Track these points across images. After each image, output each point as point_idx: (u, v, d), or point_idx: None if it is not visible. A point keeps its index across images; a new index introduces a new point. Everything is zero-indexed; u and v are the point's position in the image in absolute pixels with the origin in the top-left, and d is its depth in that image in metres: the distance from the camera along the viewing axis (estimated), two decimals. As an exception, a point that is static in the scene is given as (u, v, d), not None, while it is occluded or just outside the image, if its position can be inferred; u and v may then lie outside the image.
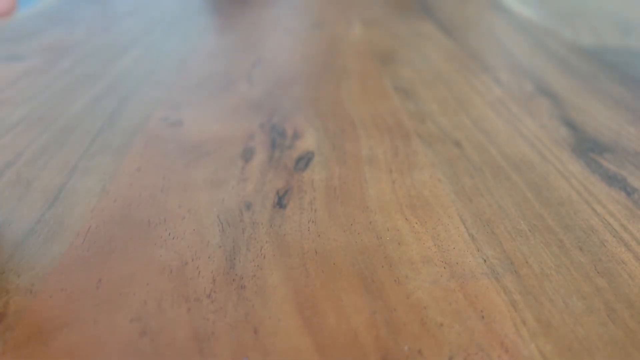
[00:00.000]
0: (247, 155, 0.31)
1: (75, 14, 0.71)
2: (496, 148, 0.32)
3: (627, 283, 0.21)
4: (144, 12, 0.74)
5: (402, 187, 0.28)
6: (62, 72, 0.47)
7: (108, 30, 0.63)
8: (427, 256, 0.22)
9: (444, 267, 0.22)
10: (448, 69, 0.48)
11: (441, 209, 0.26)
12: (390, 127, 0.35)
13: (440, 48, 0.55)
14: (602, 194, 0.27)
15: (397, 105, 0.39)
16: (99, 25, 0.65)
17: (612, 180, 0.29)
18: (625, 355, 0.18)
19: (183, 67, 0.49)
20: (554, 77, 0.45)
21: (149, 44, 0.57)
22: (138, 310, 0.19)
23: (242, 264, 0.22)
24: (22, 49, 0.54)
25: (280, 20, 0.68)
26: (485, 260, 0.22)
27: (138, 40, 0.58)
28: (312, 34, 0.61)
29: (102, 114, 0.37)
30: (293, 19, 0.69)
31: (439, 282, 0.21)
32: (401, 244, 0.23)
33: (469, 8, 0.76)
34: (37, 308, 0.19)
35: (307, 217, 0.25)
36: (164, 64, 0.49)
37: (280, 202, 0.26)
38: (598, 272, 0.21)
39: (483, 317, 0.19)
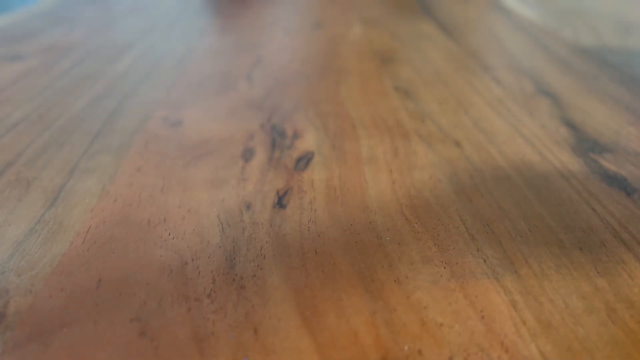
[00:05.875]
0: (247, 155, 0.31)
1: (75, 14, 0.71)
2: (496, 148, 0.32)
3: (627, 283, 0.21)
4: (144, 12, 0.74)
5: (402, 187, 0.28)
6: (62, 72, 0.47)
7: (108, 30, 0.63)
8: (427, 256, 0.22)
9: (444, 267, 0.22)
10: (448, 69, 0.48)
11: (441, 209, 0.26)
12: (390, 127, 0.35)
13: (440, 48, 0.55)
14: (602, 194, 0.27)
15: (397, 105, 0.39)
16: (99, 25, 0.65)
17: (612, 180, 0.29)
18: (625, 355, 0.18)
19: (183, 67, 0.49)
20: (554, 77, 0.45)
21: (149, 44, 0.57)
22: (138, 310, 0.19)
23: (242, 264, 0.22)
24: (22, 49, 0.54)
25: (280, 20, 0.68)
26: (485, 260, 0.22)
27: (138, 40, 0.58)
28: (312, 34, 0.61)
29: (102, 114, 0.37)
30: (293, 19, 0.69)
31: (439, 282, 0.21)
32: (401, 244, 0.23)
33: (469, 8, 0.76)
34: (37, 308, 0.19)
35: (307, 217, 0.25)
36: (164, 64, 0.49)
37: (280, 202, 0.26)
38: (598, 272, 0.21)
39: (483, 317, 0.19)
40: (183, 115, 0.37)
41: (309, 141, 0.33)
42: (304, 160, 0.31)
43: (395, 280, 0.21)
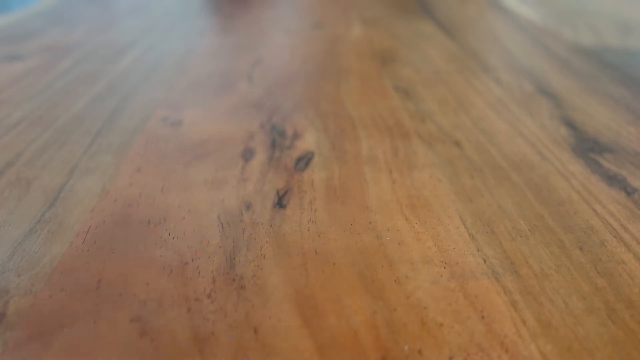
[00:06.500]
0: (247, 155, 0.31)
1: (75, 14, 0.71)
2: (496, 148, 0.32)
3: (627, 283, 0.21)
4: (144, 11, 0.74)
5: (402, 187, 0.28)
6: (62, 72, 0.47)
7: (108, 30, 0.63)
8: (427, 256, 0.22)
9: (444, 267, 0.22)
10: (448, 69, 0.48)
11: (441, 209, 0.26)
12: (390, 127, 0.35)
13: (440, 48, 0.55)
14: (602, 194, 0.27)
15: (397, 105, 0.39)
16: (99, 25, 0.65)
17: (612, 180, 0.29)
18: (625, 355, 0.18)
19: (183, 67, 0.49)
20: (554, 77, 0.45)
21: (149, 44, 0.57)
22: (138, 310, 0.19)
23: (242, 264, 0.22)
24: (22, 49, 0.54)
25: (280, 20, 0.68)
26: (485, 260, 0.22)
27: (138, 40, 0.58)
28: (312, 34, 0.61)
29: (102, 114, 0.37)
30: (293, 19, 0.69)
31: (439, 282, 0.21)
32: (401, 244, 0.23)
33: (469, 8, 0.76)
34: (37, 308, 0.19)
35: (307, 217, 0.25)
36: (164, 64, 0.49)
37: (280, 202, 0.26)
38: (598, 272, 0.21)
39: (483, 317, 0.19)
40: (183, 115, 0.37)
41: (309, 141, 0.33)
42: (304, 160, 0.31)
43: (395, 280, 0.21)
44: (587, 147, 0.32)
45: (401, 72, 0.47)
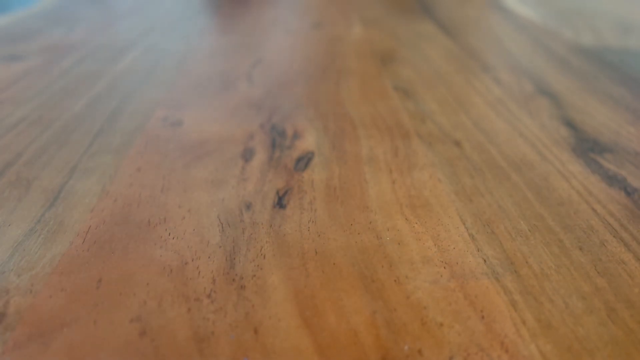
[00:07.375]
0: (247, 155, 0.31)
1: (75, 14, 0.71)
2: (496, 148, 0.32)
3: (627, 283, 0.21)
4: (144, 12, 0.74)
5: (402, 187, 0.28)
6: (62, 72, 0.47)
7: (108, 30, 0.63)
8: (427, 256, 0.22)
9: (444, 267, 0.22)
10: (448, 69, 0.48)
11: (441, 209, 0.26)
12: (390, 127, 0.35)
13: (440, 48, 0.55)
14: (602, 194, 0.27)
15: (397, 105, 0.39)
16: (99, 25, 0.65)
17: (612, 180, 0.29)
18: (625, 355, 0.18)
19: (183, 67, 0.49)
20: (554, 77, 0.45)
21: (149, 44, 0.57)
22: (138, 310, 0.19)
23: (242, 264, 0.22)
24: (22, 49, 0.54)
25: (280, 20, 0.68)
26: (485, 260, 0.22)
27: (138, 40, 0.58)
28: (312, 34, 0.61)
29: (102, 114, 0.37)
30: (293, 19, 0.69)
31: (439, 282, 0.21)
32: (401, 244, 0.23)
33: (469, 8, 0.76)
34: (37, 308, 0.19)
35: (307, 217, 0.25)
36: (164, 64, 0.49)
37: (280, 202, 0.26)
38: (598, 272, 0.21)
39: (483, 317, 0.19)
40: (183, 115, 0.37)
41: (309, 141, 0.33)
42: (304, 160, 0.31)
43: (395, 280, 0.21)
44: (587, 147, 0.32)
45: (401, 72, 0.47)
